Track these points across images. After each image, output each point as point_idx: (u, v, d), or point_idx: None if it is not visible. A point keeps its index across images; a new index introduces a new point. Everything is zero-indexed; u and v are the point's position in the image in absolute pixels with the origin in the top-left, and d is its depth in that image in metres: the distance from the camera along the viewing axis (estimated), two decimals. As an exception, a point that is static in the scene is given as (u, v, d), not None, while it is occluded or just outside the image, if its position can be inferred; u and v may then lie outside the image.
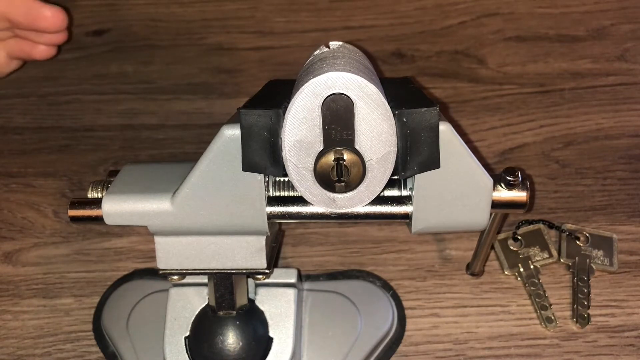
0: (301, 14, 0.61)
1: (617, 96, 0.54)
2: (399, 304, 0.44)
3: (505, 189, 0.34)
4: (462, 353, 0.42)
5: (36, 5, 0.49)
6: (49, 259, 0.47)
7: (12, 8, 0.49)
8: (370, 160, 0.30)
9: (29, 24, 0.50)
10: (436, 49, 0.58)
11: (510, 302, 0.44)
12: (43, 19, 0.50)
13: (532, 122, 0.53)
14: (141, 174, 0.37)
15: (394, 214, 0.34)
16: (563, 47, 0.57)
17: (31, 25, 0.50)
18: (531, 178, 0.49)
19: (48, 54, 0.54)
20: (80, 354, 0.43)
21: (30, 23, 0.50)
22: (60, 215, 0.49)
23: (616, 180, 0.49)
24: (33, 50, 0.53)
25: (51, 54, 0.54)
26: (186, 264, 0.36)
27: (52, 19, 0.50)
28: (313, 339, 0.42)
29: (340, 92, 0.29)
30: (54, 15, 0.50)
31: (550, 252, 0.46)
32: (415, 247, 0.47)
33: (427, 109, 0.30)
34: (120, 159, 0.52)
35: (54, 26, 0.50)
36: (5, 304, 0.45)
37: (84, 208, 0.35)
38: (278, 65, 0.57)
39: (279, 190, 0.34)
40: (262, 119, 0.30)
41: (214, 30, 0.60)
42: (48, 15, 0.50)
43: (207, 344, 0.38)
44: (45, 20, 0.50)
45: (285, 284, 0.41)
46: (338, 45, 0.34)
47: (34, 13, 0.49)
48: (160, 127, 0.54)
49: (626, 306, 0.43)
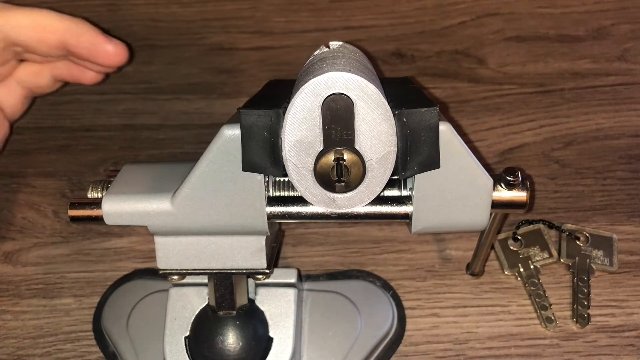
0: (301, 14, 0.61)
1: (617, 96, 0.54)
2: (399, 304, 0.44)
3: (505, 189, 0.34)
4: (462, 353, 0.42)
5: (100, 40, 0.47)
6: (49, 259, 0.47)
7: (75, 40, 0.46)
8: (370, 160, 0.30)
9: (89, 57, 0.47)
10: (436, 49, 0.58)
11: (510, 302, 0.44)
12: (105, 55, 0.47)
13: (532, 122, 0.53)
14: (141, 174, 0.37)
15: (394, 214, 0.34)
16: (563, 47, 0.57)
17: (91, 58, 0.47)
18: (531, 178, 0.50)
19: (96, 81, 0.52)
20: (80, 354, 0.43)
21: (91, 56, 0.47)
22: (60, 215, 0.49)
23: (616, 180, 0.49)
24: (82, 76, 0.51)
25: (99, 80, 0.52)
26: (186, 264, 0.36)
27: (114, 56, 0.47)
28: (313, 339, 0.42)
29: (340, 92, 0.29)
30: (116, 52, 0.47)
31: (550, 252, 0.46)
32: (415, 247, 0.47)
33: (427, 109, 0.30)
34: (120, 159, 0.52)
35: (114, 62, 0.48)
36: (5, 304, 0.45)
37: (84, 208, 0.35)
38: (278, 65, 0.57)
39: (279, 190, 0.34)
40: (262, 119, 0.30)
41: (214, 30, 0.60)
42: (111, 51, 0.47)
43: (207, 344, 0.38)
44: (106, 56, 0.47)
45: (285, 284, 0.41)
46: (338, 45, 0.34)
47: (97, 48, 0.47)
48: (160, 127, 0.54)
49: (626, 306, 0.43)
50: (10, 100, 0.49)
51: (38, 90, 0.51)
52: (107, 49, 0.47)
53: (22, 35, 0.44)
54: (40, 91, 0.51)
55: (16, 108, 0.50)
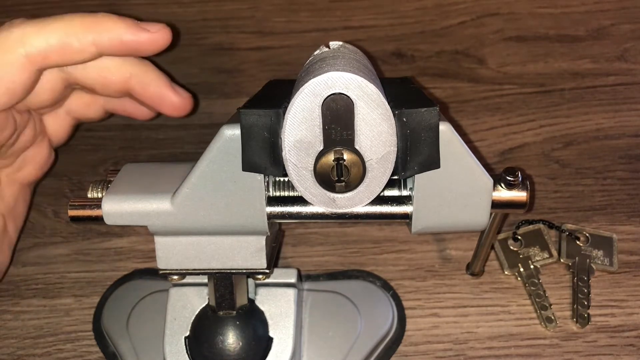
0: (301, 14, 0.61)
1: (617, 96, 0.54)
2: (399, 304, 0.44)
3: (505, 189, 0.34)
4: (462, 353, 0.42)
5: (167, 92, 0.43)
6: (49, 259, 0.47)
7: (141, 89, 0.43)
8: (370, 160, 0.30)
9: (153, 106, 0.44)
10: (436, 49, 0.58)
11: (510, 302, 0.44)
12: (170, 106, 0.44)
13: (532, 122, 0.53)
14: (141, 174, 0.37)
15: (394, 214, 0.34)
16: (563, 47, 0.57)
17: (155, 107, 0.44)
18: (531, 178, 0.50)
19: (150, 117, 0.49)
20: (80, 354, 0.43)
21: (155, 105, 0.44)
22: (60, 215, 0.49)
23: (616, 180, 0.49)
24: (136, 112, 0.48)
25: (153, 117, 0.49)
26: (186, 264, 0.36)
27: (180, 108, 0.44)
28: (313, 339, 0.42)
29: (340, 92, 0.29)
30: (182, 104, 0.44)
31: (550, 252, 0.46)
32: (415, 247, 0.47)
33: (427, 109, 0.30)
34: (120, 159, 0.52)
35: (179, 113, 0.45)
36: (5, 304, 0.45)
37: (84, 208, 0.35)
38: (278, 65, 0.57)
39: (279, 190, 0.34)
40: (262, 119, 0.30)
41: (214, 30, 0.60)
42: (176, 103, 0.44)
43: (207, 344, 0.38)
44: (172, 107, 0.44)
45: (285, 284, 0.41)
46: (338, 45, 0.34)
47: (163, 99, 0.44)
48: (160, 127, 0.54)
49: (626, 306, 0.43)
50: (58, 128, 0.46)
51: (86, 119, 0.48)
52: (173, 101, 0.44)
53: (86, 78, 0.41)
54: (88, 120, 0.48)
55: (62, 136, 0.47)
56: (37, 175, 0.46)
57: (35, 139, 0.44)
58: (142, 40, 0.40)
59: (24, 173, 0.45)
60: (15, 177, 0.44)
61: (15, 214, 0.45)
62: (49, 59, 0.39)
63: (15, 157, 0.44)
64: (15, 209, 0.45)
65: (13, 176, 0.44)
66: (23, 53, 0.38)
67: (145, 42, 0.40)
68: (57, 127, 0.46)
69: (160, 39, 0.41)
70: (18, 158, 0.44)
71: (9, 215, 0.44)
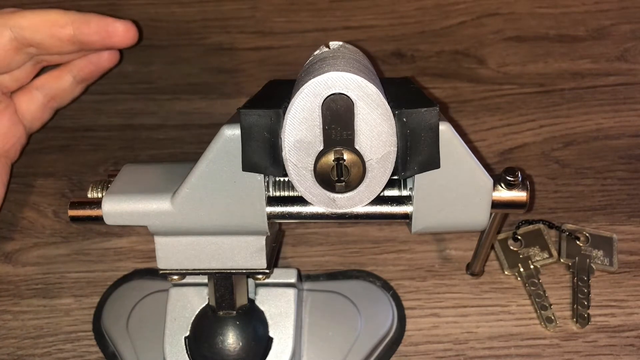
0: (301, 14, 0.61)
1: (617, 96, 0.54)
2: (399, 304, 0.44)
3: (505, 189, 0.34)
4: (462, 353, 0.42)
5: (109, 21, 0.47)
6: (49, 259, 0.47)
7: (85, 27, 0.46)
8: (370, 160, 0.30)
9: (101, 41, 0.47)
10: (436, 49, 0.58)
11: (510, 302, 0.44)
12: (116, 34, 0.47)
13: (532, 122, 0.53)
14: (141, 174, 0.37)
15: (394, 214, 0.34)
16: (563, 47, 0.57)
17: (104, 41, 0.48)
18: (531, 178, 0.50)
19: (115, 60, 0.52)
20: (80, 354, 0.43)
21: (103, 39, 0.47)
22: (60, 215, 0.49)
23: (616, 180, 0.49)
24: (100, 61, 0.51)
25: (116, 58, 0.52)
26: (186, 264, 0.36)
27: (126, 33, 0.48)
28: (313, 339, 0.42)
29: (340, 92, 0.29)
30: (127, 29, 0.48)
31: (550, 252, 0.46)
32: (415, 247, 0.47)
33: (427, 109, 0.30)
34: (120, 159, 0.52)
35: (127, 40, 0.48)
36: (5, 304, 0.45)
37: (84, 208, 0.35)
38: (278, 65, 0.57)
39: (279, 190, 0.34)
40: (262, 119, 0.30)
41: (214, 30, 0.60)
42: (121, 28, 0.47)
43: (207, 344, 0.38)
44: (118, 35, 0.47)
45: (285, 284, 0.41)
46: (338, 45, 0.34)
47: (107, 29, 0.47)
48: (160, 127, 0.54)
49: (626, 306, 0.43)
50: (31, 107, 0.49)
51: (60, 96, 0.51)
52: (118, 28, 0.47)
53: (34, 33, 0.45)
54: (62, 97, 0.51)
55: (37, 116, 0.49)
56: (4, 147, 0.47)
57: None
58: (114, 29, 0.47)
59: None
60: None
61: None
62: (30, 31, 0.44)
63: None
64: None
65: None
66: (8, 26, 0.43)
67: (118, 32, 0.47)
68: (31, 107, 0.49)
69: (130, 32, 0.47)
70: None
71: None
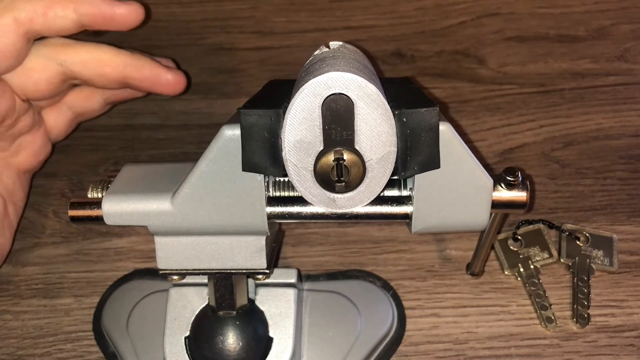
0: (301, 14, 0.61)
1: (617, 96, 0.54)
2: (399, 304, 0.44)
3: (505, 189, 0.34)
4: (462, 353, 0.42)
5: (160, 71, 0.46)
6: (49, 259, 0.47)
7: (136, 73, 0.45)
8: (370, 160, 0.30)
9: (149, 88, 0.47)
10: (436, 49, 0.58)
11: (510, 302, 0.44)
12: (166, 84, 0.46)
13: (532, 122, 0.53)
14: (141, 174, 0.37)
15: (394, 214, 0.34)
16: (563, 47, 0.57)
17: (151, 89, 0.47)
18: (531, 178, 0.50)
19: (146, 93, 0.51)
20: (80, 354, 0.43)
21: (151, 87, 0.46)
22: (60, 215, 0.49)
23: (616, 180, 0.49)
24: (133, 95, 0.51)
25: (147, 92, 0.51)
26: (186, 264, 0.36)
27: (175, 84, 0.47)
28: (313, 339, 0.42)
29: (340, 92, 0.29)
30: (176, 81, 0.47)
31: (550, 252, 0.46)
32: (415, 247, 0.47)
33: (427, 109, 0.30)
34: (120, 159, 0.52)
35: (175, 91, 0.47)
36: (5, 304, 0.45)
37: (84, 208, 0.35)
38: (278, 65, 0.57)
39: (279, 190, 0.34)
40: (262, 119, 0.30)
41: (214, 30, 0.60)
42: (171, 80, 0.46)
43: (207, 344, 0.38)
44: (167, 85, 0.46)
45: (285, 284, 0.41)
46: (338, 45, 0.34)
47: (158, 79, 0.46)
48: (160, 127, 0.54)
49: (626, 306, 0.43)
50: (58, 122, 0.48)
51: (88, 114, 0.50)
52: (168, 79, 0.46)
53: (83, 69, 0.44)
54: (90, 115, 0.50)
55: (62, 130, 0.49)
56: (32, 163, 0.47)
57: (32, 128, 0.46)
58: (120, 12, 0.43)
59: (19, 159, 0.46)
60: (11, 161, 0.46)
61: (14, 198, 0.46)
62: (34, 23, 0.41)
63: (11, 142, 0.45)
64: (14, 193, 0.46)
65: (9, 160, 0.46)
66: (12, 17, 0.40)
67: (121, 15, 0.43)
68: (58, 122, 0.48)
69: (134, 13, 0.44)
70: (14, 143, 0.45)
71: (9, 198, 0.45)
